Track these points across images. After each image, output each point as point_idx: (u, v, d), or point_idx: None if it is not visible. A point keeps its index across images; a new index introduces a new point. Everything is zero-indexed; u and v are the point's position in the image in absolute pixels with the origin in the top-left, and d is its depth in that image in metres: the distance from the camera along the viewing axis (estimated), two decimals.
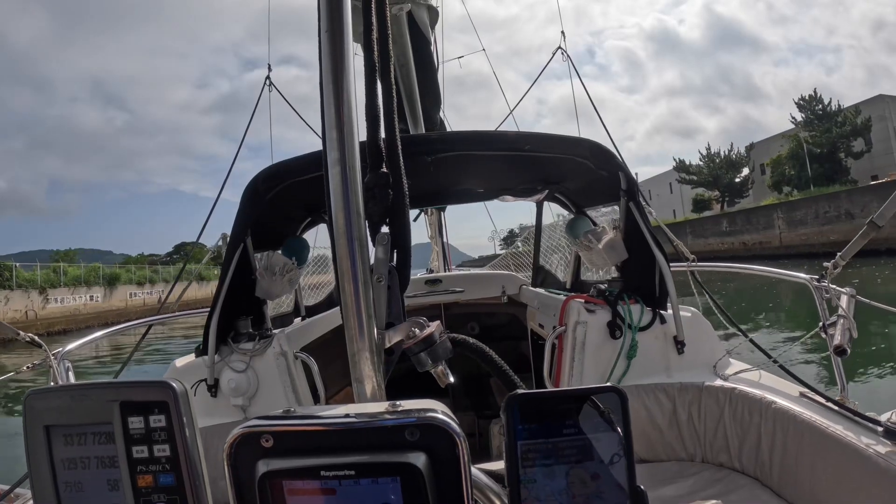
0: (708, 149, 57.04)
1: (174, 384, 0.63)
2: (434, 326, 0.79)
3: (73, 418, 0.66)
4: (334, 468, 0.55)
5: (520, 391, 0.60)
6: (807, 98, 46.52)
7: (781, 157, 47.63)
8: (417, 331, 0.77)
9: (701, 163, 56.97)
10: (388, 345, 0.75)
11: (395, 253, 0.81)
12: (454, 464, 0.56)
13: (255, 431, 0.58)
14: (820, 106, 45.80)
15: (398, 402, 0.60)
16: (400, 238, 0.81)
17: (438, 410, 0.58)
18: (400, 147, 0.82)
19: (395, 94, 0.84)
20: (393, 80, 0.85)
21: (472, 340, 0.89)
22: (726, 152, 56.01)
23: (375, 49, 0.83)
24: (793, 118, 47.51)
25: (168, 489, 0.64)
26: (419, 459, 0.55)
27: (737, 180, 55.19)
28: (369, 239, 0.77)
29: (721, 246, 41.54)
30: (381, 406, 0.60)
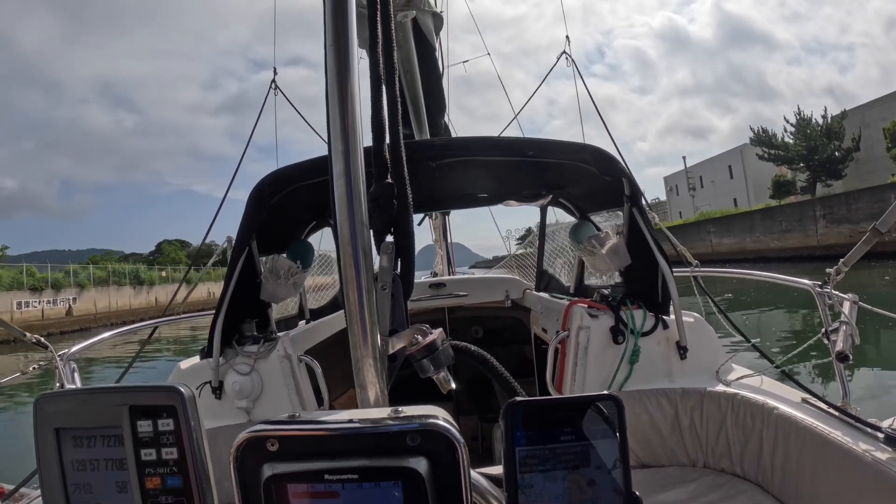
0: (799, 114, 43.00)
1: (182, 389, 0.65)
2: (436, 334, 0.80)
3: (83, 421, 0.67)
4: (338, 472, 0.56)
5: (519, 398, 0.61)
6: None
7: None
8: (420, 338, 0.78)
9: (787, 133, 43.37)
10: (391, 351, 0.77)
11: (398, 261, 0.82)
12: (454, 469, 0.57)
13: (262, 435, 0.59)
14: None
15: (400, 409, 0.61)
16: (404, 247, 0.82)
17: (440, 417, 0.59)
18: (405, 157, 0.84)
19: (399, 102, 0.86)
20: (398, 87, 0.86)
21: (473, 348, 0.90)
22: (820, 118, 41.95)
23: (381, 60, 0.84)
24: None
25: (175, 491, 0.65)
26: (420, 464, 0.56)
27: (837, 154, 40.90)
28: (374, 248, 0.78)
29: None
30: (383, 412, 0.61)
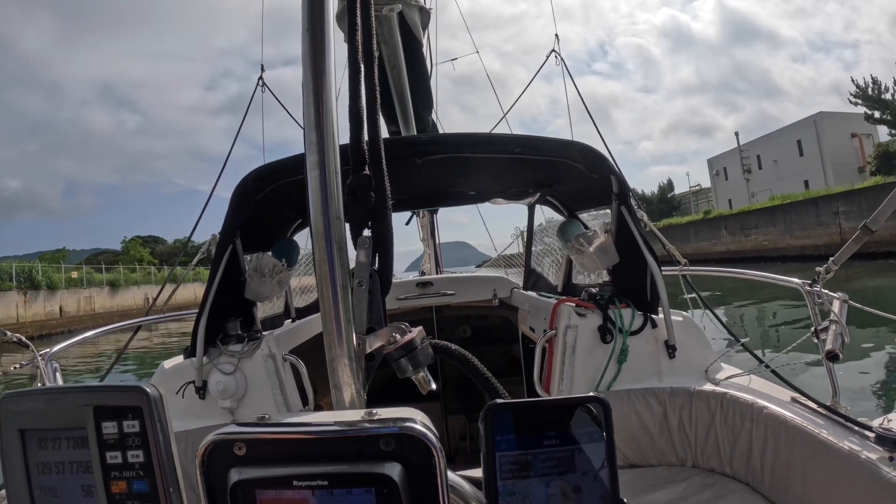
0: None
1: (148, 389, 0.62)
2: (415, 332, 0.78)
3: (48, 422, 0.65)
4: (307, 478, 0.54)
5: (498, 401, 0.59)
6: None
7: None
8: (398, 336, 0.76)
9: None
10: (368, 350, 0.74)
11: (376, 257, 0.80)
12: (431, 474, 0.55)
13: (228, 439, 0.57)
14: None
15: (375, 411, 0.58)
16: (382, 242, 0.80)
17: (416, 420, 0.57)
18: (383, 149, 0.81)
19: (379, 96, 0.83)
20: (378, 81, 0.84)
21: (454, 347, 0.88)
22: None
23: (360, 50, 0.82)
24: None
25: (142, 495, 0.63)
26: (394, 470, 0.54)
27: None
28: (350, 242, 0.76)
29: None
30: (357, 414, 0.58)
